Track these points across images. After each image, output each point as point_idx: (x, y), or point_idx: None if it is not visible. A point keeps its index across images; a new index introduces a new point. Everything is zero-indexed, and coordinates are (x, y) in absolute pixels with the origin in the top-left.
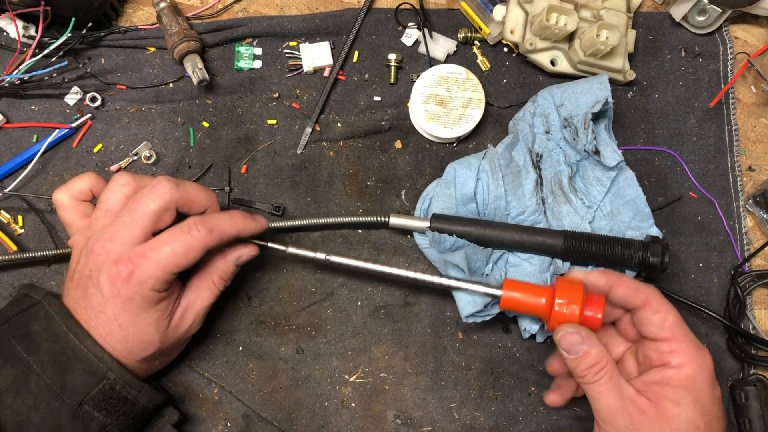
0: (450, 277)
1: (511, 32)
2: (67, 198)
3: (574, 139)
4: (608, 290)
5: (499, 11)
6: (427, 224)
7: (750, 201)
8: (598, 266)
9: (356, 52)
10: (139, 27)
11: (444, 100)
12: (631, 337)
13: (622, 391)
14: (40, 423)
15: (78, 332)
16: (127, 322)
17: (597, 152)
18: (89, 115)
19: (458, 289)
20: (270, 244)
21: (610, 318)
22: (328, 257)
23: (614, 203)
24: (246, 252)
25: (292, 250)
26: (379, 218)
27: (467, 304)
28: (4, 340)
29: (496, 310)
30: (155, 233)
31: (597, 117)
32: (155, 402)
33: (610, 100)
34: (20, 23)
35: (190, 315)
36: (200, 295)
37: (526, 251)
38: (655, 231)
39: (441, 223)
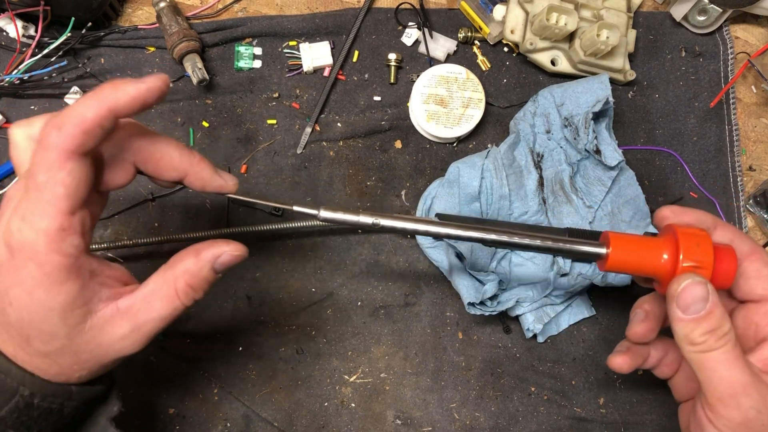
0: (540, 236)
1: (512, 32)
2: (23, 137)
3: (574, 139)
4: (713, 229)
5: (499, 11)
6: None
7: (750, 201)
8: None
9: (356, 52)
10: (139, 27)
11: (444, 99)
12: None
13: (748, 364)
14: None
15: None
16: (18, 300)
17: (598, 152)
18: None
19: (548, 251)
20: (296, 208)
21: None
22: (376, 221)
23: (615, 203)
24: (228, 251)
25: (326, 214)
26: None
27: (469, 292)
28: None
29: (501, 307)
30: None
31: (597, 116)
32: (90, 397)
33: (611, 99)
34: (20, 23)
35: (125, 324)
36: (150, 304)
37: (530, 250)
38: (652, 229)
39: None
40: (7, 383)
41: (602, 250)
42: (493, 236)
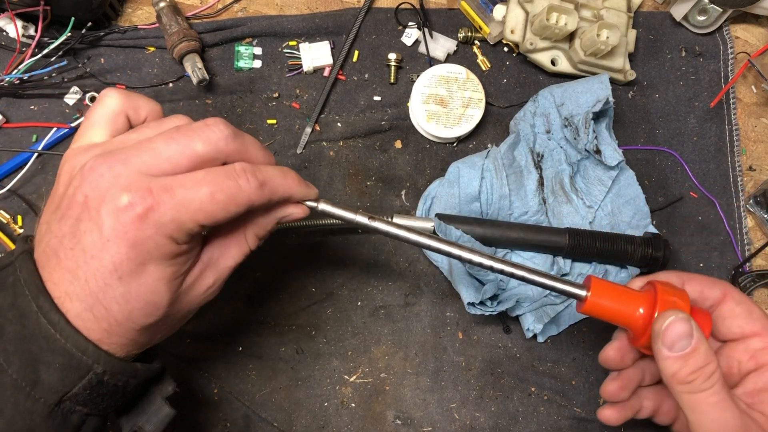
0: (525, 268)
1: (512, 32)
2: (117, 104)
3: (575, 139)
4: (681, 286)
5: (499, 11)
6: (431, 224)
7: (750, 201)
8: (602, 263)
9: (356, 52)
10: (139, 27)
11: (444, 99)
12: None
13: (737, 405)
14: (5, 428)
15: (52, 317)
16: (131, 273)
17: (598, 152)
18: None
19: (534, 283)
20: (321, 206)
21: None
22: (371, 223)
23: (615, 202)
24: (296, 212)
25: (324, 206)
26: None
27: (469, 292)
28: None
29: (501, 307)
30: None
31: (597, 116)
32: (149, 376)
33: (611, 99)
34: (20, 23)
35: (210, 274)
36: (227, 252)
37: (531, 250)
38: (651, 229)
39: (446, 222)
40: (83, 361)
41: (582, 293)
42: (481, 260)
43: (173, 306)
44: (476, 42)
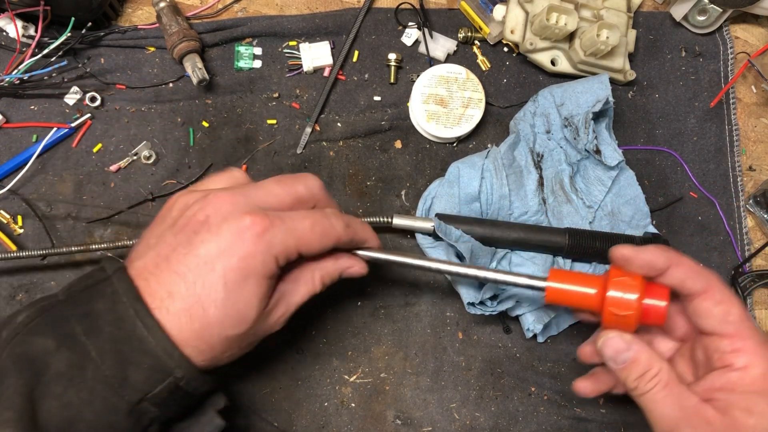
0: (491, 270)
1: (512, 32)
2: (243, 177)
3: (574, 139)
4: (665, 269)
5: (499, 11)
6: (431, 224)
7: (750, 201)
8: (602, 263)
9: (356, 52)
10: (139, 27)
11: (444, 99)
12: (680, 333)
13: (682, 400)
14: (93, 420)
15: (147, 321)
16: (235, 283)
17: (598, 152)
18: (89, 114)
19: (500, 282)
20: (380, 255)
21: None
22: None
23: (615, 203)
24: (357, 268)
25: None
26: (382, 219)
27: (468, 291)
28: (63, 317)
29: (501, 307)
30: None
31: (597, 116)
32: (211, 388)
33: (611, 99)
34: (20, 23)
35: (282, 306)
36: (297, 289)
37: (531, 250)
38: (651, 229)
39: (446, 222)
40: (168, 364)
41: (542, 284)
42: (443, 267)
43: (255, 325)
44: (476, 42)
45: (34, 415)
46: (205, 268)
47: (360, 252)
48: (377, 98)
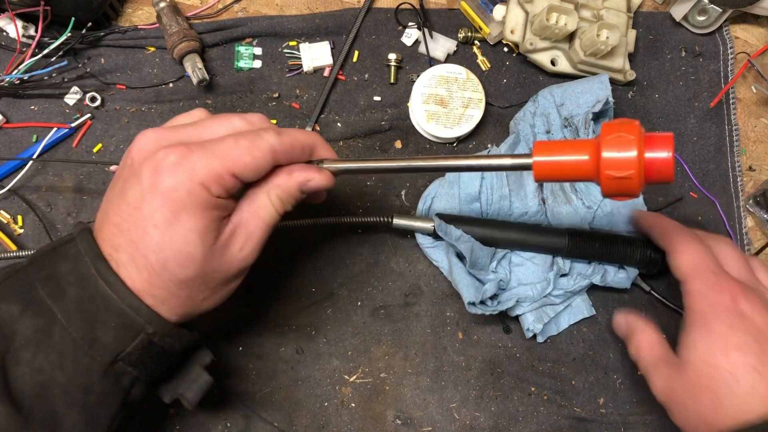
0: (471, 156)
1: (512, 32)
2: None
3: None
4: (648, 231)
5: (499, 11)
6: (432, 224)
7: (750, 201)
8: (601, 263)
9: (356, 52)
10: (139, 27)
11: (444, 99)
12: None
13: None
14: (66, 383)
15: (109, 277)
16: (164, 221)
17: None
18: (89, 115)
19: (482, 168)
20: (346, 165)
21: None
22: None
23: (614, 203)
24: (318, 178)
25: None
26: (382, 218)
27: (469, 291)
28: (27, 282)
29: (501, 307)
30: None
31: (597, 116)
32: (190, 343)
33: (611, 99)
34: (20, 23)
35: (240, 235)
36: (255, 214)
37: (531, 250)
38: None
39: (446, 222)
40: (136, 321)
41: (527, 161)
42: (418, 163)
43: (208, 262)
44: (476, 42)
45: (7, 383)
46: (135, 214)
47: (332, 165)
48: (377, 98)
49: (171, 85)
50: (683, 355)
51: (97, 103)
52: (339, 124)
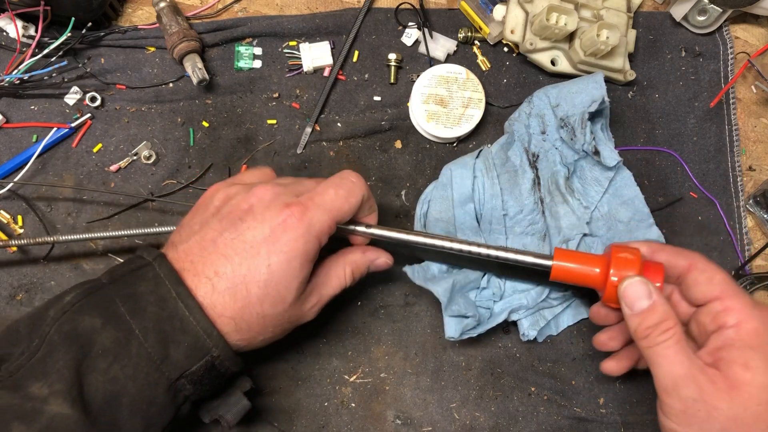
0: (501, 248)
1: (512, 32)
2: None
3: (571, 139)
4: (650, 257)
5: (499, 11)
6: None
7: (750, 201)
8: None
9: (356, 52)
10: (139, 27)
11: (444, 99)
12: (682, 316)
13: (691, 359)
14: (135, 394)
15: (188, 302)
16: (278, 265)
17: (596, 152)
18: (89, 114)
19: (508, 260)
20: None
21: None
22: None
23: (611, 203)
24: (383, 260)
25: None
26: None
27: (450, 326)
28: (108, 298)
29: (494, 321)
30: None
31: (594, 116)
32: (240, 370)
33: (606, 99)
34: (20, 23)
35: (315, 295)
36: (329, 281)
37: (476, 265)
38: (655, 231)
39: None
40: (206, 344)
41: (548, 262)
42: (457, 246)
43: (291, 308)
44: (476, 42)
45: (81, 388)
46: (251, 252)
47: (372, 230)
48: (377, 98)
49: (171, 85)
50: (733, 373)
51: (97, 103)
52: (339, 124)
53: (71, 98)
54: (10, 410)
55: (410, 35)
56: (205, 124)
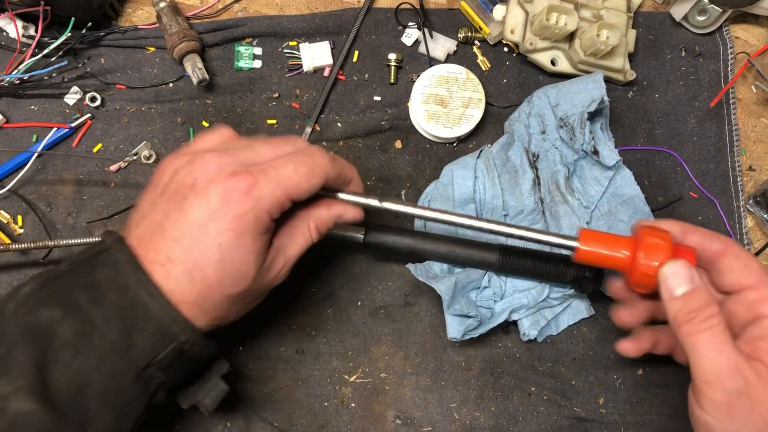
0: (529, 229)
1: (512, 32)
2: (230, 132)
3: (571, 139)
4: (682, 238)
5: (499, 11)
6: (361, 236)
7: (750, 201)
8: (535, 280)
9: (356, 52)
10: (139, 27)
11: (444, 99)
12: None
13: (734, 349)
14: (102, 385)
15: (149, 288)
16: (229, 243)
17: (596, 152)
18: (89, 114)
19: (525, 239)
20: (384, 204)
21: None
22: (383, 203)
23: (612, 203)
24: (351, 212)
25: (387, 204)
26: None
27: (452, 326)
28: (67, 288)
29: (495, 321)
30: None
31: (593, 116)
32: (213, 353)
33: (606, 98)
34: (20, 23)
35: (280, 259)
36: (293, 240)
37: (462, 264)
38: None
39: (376, 232)
40: (171, 329)
41: (574, 244)
42: (480, 224)
43: (255, 281)
44: (476, 42)
45: (46, 383)
46: (198, 232)
47: (350, 197)
48: (377, 98)
49: (171, 85)
50: None
51: (97, 103)
52: (339, 124)
53: (71, 98)
54: None
55: (410, 35)
56: (205, 124)
